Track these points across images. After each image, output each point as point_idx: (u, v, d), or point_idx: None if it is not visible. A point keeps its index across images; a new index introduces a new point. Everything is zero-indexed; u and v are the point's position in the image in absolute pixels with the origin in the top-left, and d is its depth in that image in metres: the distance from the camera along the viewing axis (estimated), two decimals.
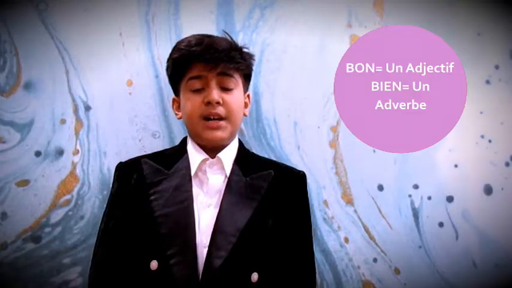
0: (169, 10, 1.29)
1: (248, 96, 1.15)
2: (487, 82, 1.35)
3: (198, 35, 1.08)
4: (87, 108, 1.26)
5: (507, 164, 1.33)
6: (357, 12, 1.33)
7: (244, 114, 1.13)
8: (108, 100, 1.27)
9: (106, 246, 1.03)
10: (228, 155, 1.06)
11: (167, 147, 1.26)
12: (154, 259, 0.95)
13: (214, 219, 0.98)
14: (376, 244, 1.29)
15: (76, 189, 1.24)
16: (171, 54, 1.09)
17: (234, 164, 1.06)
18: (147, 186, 1.02)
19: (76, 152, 1.25)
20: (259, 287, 0.96)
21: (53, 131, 1.25)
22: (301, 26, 1.32)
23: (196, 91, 1.04)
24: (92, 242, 1.21)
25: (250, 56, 1.12)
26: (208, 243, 0.96)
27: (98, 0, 1.27)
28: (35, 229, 1.22)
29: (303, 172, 1.13)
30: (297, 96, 1.31)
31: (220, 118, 1.03)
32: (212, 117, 1.02)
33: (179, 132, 1.28)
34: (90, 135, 1.25)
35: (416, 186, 1.31)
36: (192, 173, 1.03)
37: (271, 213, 1.02)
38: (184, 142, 1.11)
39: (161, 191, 1.01)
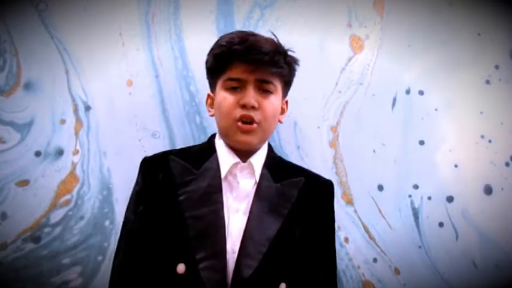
0: (169, 10, 1.29)
1: (286, 102, 1.10)
2: (487, 82, 1.35)
3: (243, 32, 1.02)
4: (87, 108, 1.26)
5: (507, 164, 1.33)
6: (357, 12, 1.33)
7: (279, 121, 1.07)
8: (108, 100, 1.27)
9: (131, 245, 0.98)
10: (259, 160, 1.03)
11: (167, 147, 1.26)
12: (182, 262, 0.91)
13: (243, 225, 0.95)
14: (376, 244, 1.29)
15: (76, 189, 1.24)
16: (212, 49, 1.03)
17: (263, 169, 1.02)
18: (175, 185, 0.98)
19: (76, 152, 1.25)
20: None
21: (53, 131, 1.24)
22: (301, 26, 1.32)
23: (233, 89, 0.98)
24: (92, 242, 1.22)
25: (294, 61, 1.05)
26: (237, 250, 0.93)
27: (97, 0, 1.27)
28: (35, 229, 1.22)
29: (331, 181, 1.08)
30: (297, 96, 1.31)
31: (253, 122, 0.98)
32: (245, 120, 0.98)
33: (179, 132, 1.27)
34: (90, 135, 1.25)
35: (416, 186, 1.31)
36: (222, 175, 0.99)
37: (299, 223, 0.99)
38: (211, 140, 1.06)
39: (190, 192, 0.97)
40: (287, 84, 1.07)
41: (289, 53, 1.04)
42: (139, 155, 1.24)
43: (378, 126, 1.32)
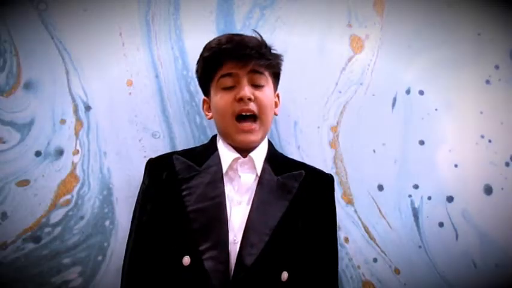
0: (169, 10, 1.29)
1: (277, 95, 1.15)
2: (487, 82, 1.35)
3: (228, 34, 1.09)
4: (87, 108, 1.26)
5: (507, 164, 1.33)
6: (356, 12, 1.33)
7: (275, 114, 1.13)
8: (108, 100, 1.27)
9: (140, 240, 1.03)
10: (259, 155, 1.06)
11: (167, 147, 1.26)
12: (187, 255, 0.95)
13: (245, 216, 0.98)
14: (376, 244, 1.29)
15: (76, 189, 1.24)
16: (201, 54, 1.09)
17: (264, 163, 1.06)
18: (178, 182, 1.02)
19: (76, 152, 1.25)
20: (288, 286, 0.97)
21: (53, 131, 1.24)
22: (301, 26, 1.32)
23: (228, 89, 1.03)
24: (92, 242, 1.22)
25: (278, 56, 1.12)
26: (238, 240, 0.96)
27: (98, 0, 1.27)
28: (35, 229, 1.22)
29: (331, 175, 1.13)
30: (297, 96, 1.31)
31: (253, 117, 1.03)
32: (244, 114, 1.02)
33: (179, 132, 1.28)
34: (90, 135, 1.25)
35: (416, 186, 1.31)
36: (224, 170, 1.03)
37: (301, 214, 1.02)
38: (213, 140, 1.11)
39: (193, 187, 1.01)
40: (276, 77, 1.12)
41: (272, 49, 1.10)
42: (139, 155, 1.25)
43: (378, 126, 1.32)
